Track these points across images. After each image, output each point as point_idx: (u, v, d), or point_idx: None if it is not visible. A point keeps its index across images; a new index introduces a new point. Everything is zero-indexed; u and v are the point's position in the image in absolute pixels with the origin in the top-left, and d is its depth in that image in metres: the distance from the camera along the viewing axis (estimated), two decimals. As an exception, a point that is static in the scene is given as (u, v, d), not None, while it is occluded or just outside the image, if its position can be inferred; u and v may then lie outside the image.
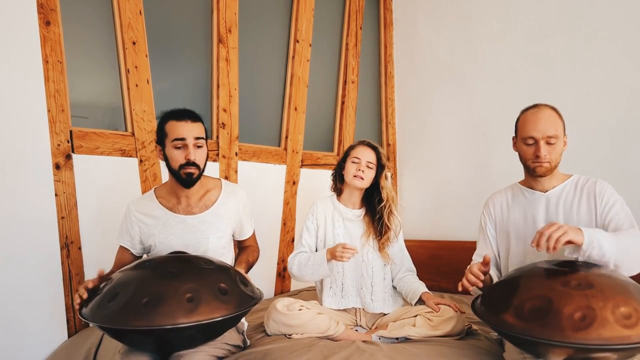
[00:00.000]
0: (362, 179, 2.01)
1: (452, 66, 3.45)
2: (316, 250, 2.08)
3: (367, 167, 2.03)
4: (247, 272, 1.76)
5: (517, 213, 1.74)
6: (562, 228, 1.35)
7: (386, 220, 2.03)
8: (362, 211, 2.10)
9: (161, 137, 1.69)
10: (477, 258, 1.83)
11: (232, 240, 1.91)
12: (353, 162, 2.04)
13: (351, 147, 2.11)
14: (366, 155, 2.04)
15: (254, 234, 1.98)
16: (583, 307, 1.14)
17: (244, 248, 1.95)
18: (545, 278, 1.29)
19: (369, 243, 2.05)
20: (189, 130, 1.64)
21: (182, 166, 1.65)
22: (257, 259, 1.93)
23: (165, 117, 1.69)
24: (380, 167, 2.06)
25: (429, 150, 3.59)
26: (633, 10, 2.61)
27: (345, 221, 2.08)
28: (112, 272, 1.72)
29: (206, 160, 1.73)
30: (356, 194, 2.09)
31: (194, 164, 1.65)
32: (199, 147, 1.67)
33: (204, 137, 1.69)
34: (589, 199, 1.63)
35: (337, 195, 2.15)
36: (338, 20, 3.43)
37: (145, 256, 1.85)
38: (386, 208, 2.04)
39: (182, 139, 1.64)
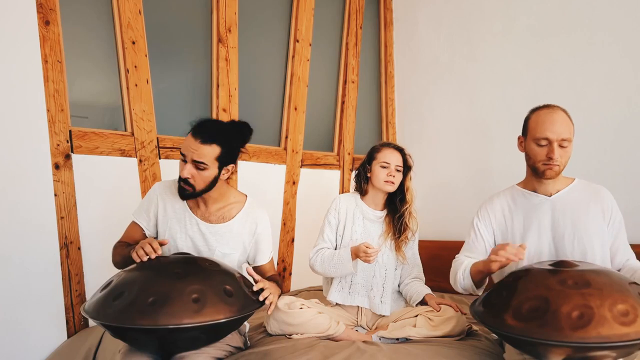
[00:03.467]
0: (392, 183, 2.02)
1: (452, 66, 3.44)
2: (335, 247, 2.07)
3: (397, 170, 2.03)
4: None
5: (520, 218, 1.68)
6: None
7: (407, 220, 2.04)
8: (383, 213, 2.10)
9: None
10: (462, 257, 1.74)
11: (240, 267, 1.83)
12: (383, 167, 2.02)
13: (376, 150, 2.09)
14: (395, 159, 2.03)
15: (272, 261, 1.90)
16: (581, 305, 1.14)
17: (271, 278, 1.81)
18: (542, 278, 1.28)
19: (386, 244, 2.05)
20: (191, 150, 1.59)
21: (179, 179, 1.64)
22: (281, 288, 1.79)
23: (191, 127, 1.65)
24: (406, 169, 2.06)
25: (429, 150, 3.59)
26: (634, 10, 2.61)
27: (366, 220, 2.07)
28: (123, 242, 1.72)
29: (211, 182, 1.65)
30: (381, 195, 2.09)
31: (186, 181, 1.62)
32: (198, 168, 1.61)
33: (206, 162, 1.59)
34: (597, 205, 1.61)
35: (361, 195, 2.13)
36: (338, 20, 3.43)
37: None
38: (408, 208, 2.05)
39: (184, 155, 1.62)
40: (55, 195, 1.98)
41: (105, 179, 2.15)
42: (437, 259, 3.12)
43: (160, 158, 2.34)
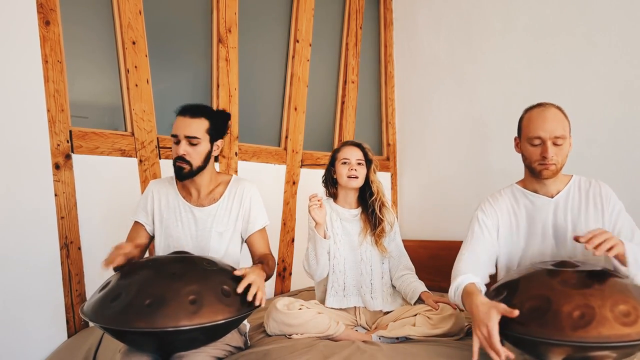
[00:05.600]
0: (356, 177, 2.03)
1: (452, 66, 3.45)
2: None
3: (358, 164, 2.05)
4: (266, 277, 1.62)
5: (524, 220, 1.65)
6: (614, 239, 1.29)
7: (378, 212, 2.06)
8: (358, 210, 2.11)
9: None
10: (461, 266, 1.61)
11: (239, 246, 1.86)
12: (343, 164, 2.05)
13: (336, 151, 2.13)
14: (354, 154, 2.06)
15: (264, 233, 1.88)
16: (582, 305, 1.14)
17: (260, 257, 1.80)
18: (544, 278, 1.28)
19: (366, 241, 2.06)
20: (183, 127, 1.69)
21: (175, 159, 1.72)
22: (272, 271, 1.75)
23: (176, 112, 1.76)
24: (368, 162, 2.08)
25: (429, 150, 3.59)
26: (633, 9, 2.61)
27: (343, 221, 2.08)
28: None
29: (205, 157, 1.74)
30: (351, 194, 2.10)
31: (183, 159, 1.70)
32: (192, 144, 1.70)
33: (198, 136, 1.70)
34: (596, 203, 1.58)
35: (333, 199, 2.16)
36: (338, 20, 3.43)
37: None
38: (377, 201, 2.06)
39: (175, 136, 1.71)
40: (56, 195, 1.98)
41: (106, 179, 2.15)
42: (437, 259, 3.12)
43: (160, 158, 2.34)
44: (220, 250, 1.77)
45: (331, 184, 2.15)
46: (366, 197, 2.09)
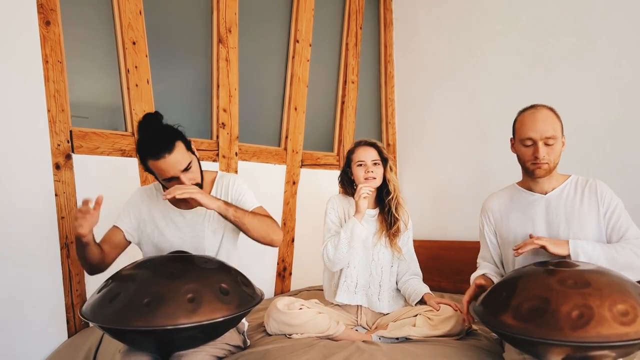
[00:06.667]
0: (374, 178, 2.03)
1: (452, 66, 3.45)
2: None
3: (374, 165, 2.04)
4: (236, 210, 1.66)
5: (516, 216, 1.71)
6: (541, 239, 1.52)
7: (394, 211, 2.06)
8: (376, 211, 2.11)
9: (151, 172, 1.66)
10: (480, 261, 1.85)
11: (234, 243, 1.87)
12: (359, 166, 2.04)
13: (351, 152, 2.11)
14: (369, 155, 2.05)
15: (260, 209, 1.84)
16: (580, 305, 1.14)
17: None
18: (542, 278, 1.29)
19: (380, 242, 2.06)
20: (173, 165, 1.59)
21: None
22: (270, 228, 1.75)
23: (143, 157, 1.62)
24: (384, 161, 2.08)
25: (429, 150, 3.59)
26: (632, 10, 2.61)
27: None
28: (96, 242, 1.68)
29: (200, 169, 1.72)
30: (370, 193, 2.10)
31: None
32: (188, 170, 1.64)
33: (188, 161, 1.63)
34: (591, 199, 1.61)
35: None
36: (338, 20, 3.43)
37: (142, 253, 1.85)
38: (394, 199, 2.06)
39: (171, 178, 1.62)
40: (56, 195, 1.99)
41: (106, 179, 2.15)
42: (437, 259, 3.13)
43: (160, 158, 2.34)
44: (215, 249, 1.77)
45: (348, 184, 2.14)
46: (383, 196, 2.08)
